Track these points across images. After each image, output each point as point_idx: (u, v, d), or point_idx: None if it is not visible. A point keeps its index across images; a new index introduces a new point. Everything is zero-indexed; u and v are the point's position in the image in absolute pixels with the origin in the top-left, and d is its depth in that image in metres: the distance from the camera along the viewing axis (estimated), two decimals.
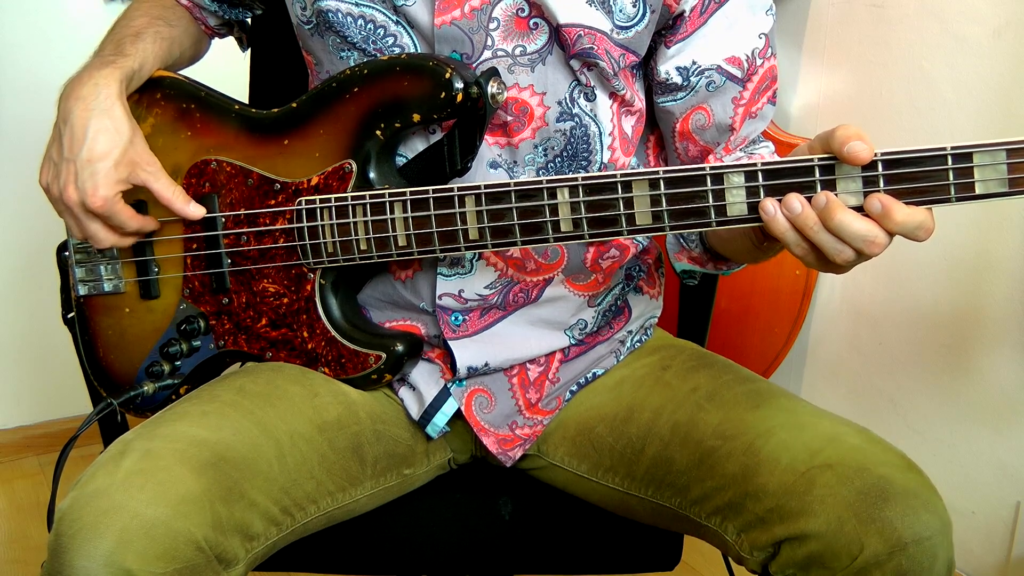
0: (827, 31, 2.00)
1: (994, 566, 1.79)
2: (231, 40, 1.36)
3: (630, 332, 1.22)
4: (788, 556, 0.93)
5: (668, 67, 1.09)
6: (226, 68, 1.42)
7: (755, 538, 0.96)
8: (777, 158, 1.13)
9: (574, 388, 1.18)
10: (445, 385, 1.14)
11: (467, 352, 1.12)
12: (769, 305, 2.01)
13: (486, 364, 1.12)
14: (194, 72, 1.22)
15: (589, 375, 1.18)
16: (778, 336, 2.02)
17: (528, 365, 1.16)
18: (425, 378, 1.15)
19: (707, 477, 1.00)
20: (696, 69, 1.09)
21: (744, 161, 1.13)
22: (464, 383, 1.14)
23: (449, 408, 1.14)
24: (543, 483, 1.19)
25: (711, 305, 1.36)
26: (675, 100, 1.12)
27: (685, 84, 1.10)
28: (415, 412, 1.14)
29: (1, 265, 2.50)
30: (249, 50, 1.41)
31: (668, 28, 1.08)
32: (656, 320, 1.26)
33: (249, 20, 1.35)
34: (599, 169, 1.10)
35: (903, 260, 1.87)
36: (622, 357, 1.20)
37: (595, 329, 1.18)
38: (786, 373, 2.14)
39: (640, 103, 1.12)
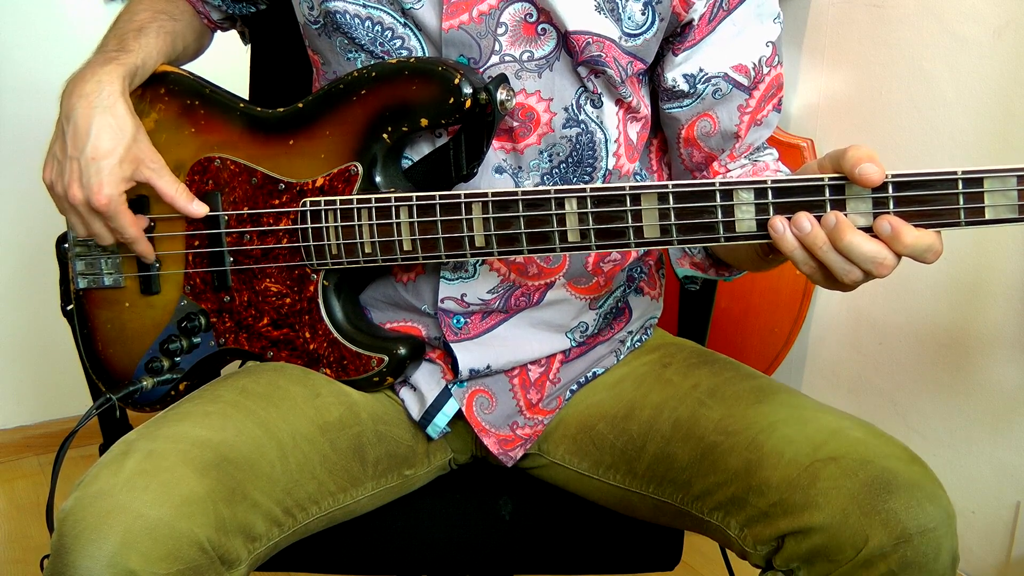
0: (827, 31, 1.99)
1: (994, 566, 1.80)
2: (232, 35, 1.35)
3: (630, 332, 1.22)
4: (792, 550, 0.93)
5: (675, 74, 1.09)
6: (226, 65, 1.41)
7: (758, 532, 0.96)
8: (784, 169, 1.14)
9: (574, 387, 1.18)
10: (446, 386, 1.14)
11: (469, 355, 1.12)
12: (769, 305, 2.02)
13: (488, 366, 1.12)
14: (195, 68, 1.21)
15: (589, 374, 1.18)
16: (778, 336, 2.02)
17: (529, 366, 1.16)
18: (426, 379, 1.15)
19: (709, 472, 1.01)
20: (703, 76, 1.09)
21: (749, 169, 1.14)
22: (465, 384, 1.14)
23: (450, 409, 1.14)
24: (543, 483, 1.20)
25: (711, 306, 1.36)
26: (681, 107, 1.11)
27: (692, 91, 1.09)
28: (416, 413, 1.14)
29: (1, 266, 2.49)
30: (250, 46, 1.40)
31: (676, 35, 1.08)
32: (656, 320, 1.26)
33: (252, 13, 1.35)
34: (603, 176, 1.10)
35: (903, 261, 1.86)
36: (622, 356, 1.20)
37: (596, 331, 1.19)
38: (786, 373, 2.14)
39: (646, 110, 1.12)
